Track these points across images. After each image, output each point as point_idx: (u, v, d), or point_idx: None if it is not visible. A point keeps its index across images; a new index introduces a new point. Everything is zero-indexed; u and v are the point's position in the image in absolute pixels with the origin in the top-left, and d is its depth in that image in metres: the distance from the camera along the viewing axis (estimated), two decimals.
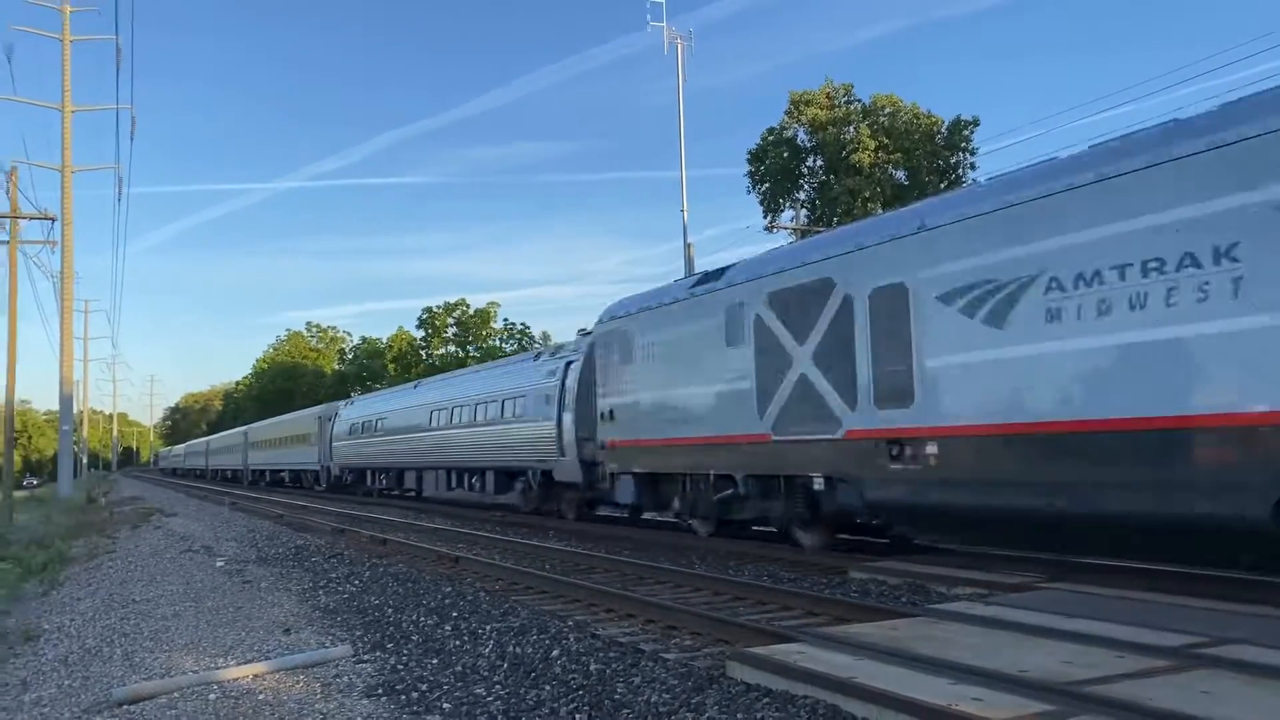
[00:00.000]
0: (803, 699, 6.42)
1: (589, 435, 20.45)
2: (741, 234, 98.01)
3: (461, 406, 29.14)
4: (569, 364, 22.59)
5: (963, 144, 47.42)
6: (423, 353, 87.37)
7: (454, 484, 29.81)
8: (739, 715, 6.25)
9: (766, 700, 6.52)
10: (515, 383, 25.74)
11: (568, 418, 22.07)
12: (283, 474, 58.23)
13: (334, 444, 43.49)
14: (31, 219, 35.85)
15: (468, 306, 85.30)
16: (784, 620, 9.80)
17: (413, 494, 37.41)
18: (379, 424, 37.28)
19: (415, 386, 37.68)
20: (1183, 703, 5.53)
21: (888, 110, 48.05)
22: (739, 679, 7.11)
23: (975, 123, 47.29)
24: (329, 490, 45.80)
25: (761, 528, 16.96)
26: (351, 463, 41.40)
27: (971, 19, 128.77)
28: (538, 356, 25.92)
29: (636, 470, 18.27)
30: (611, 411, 18.90)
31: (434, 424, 31.10)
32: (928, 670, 6.57)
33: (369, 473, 39.72)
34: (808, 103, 49.02)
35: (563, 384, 22.41)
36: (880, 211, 45.23)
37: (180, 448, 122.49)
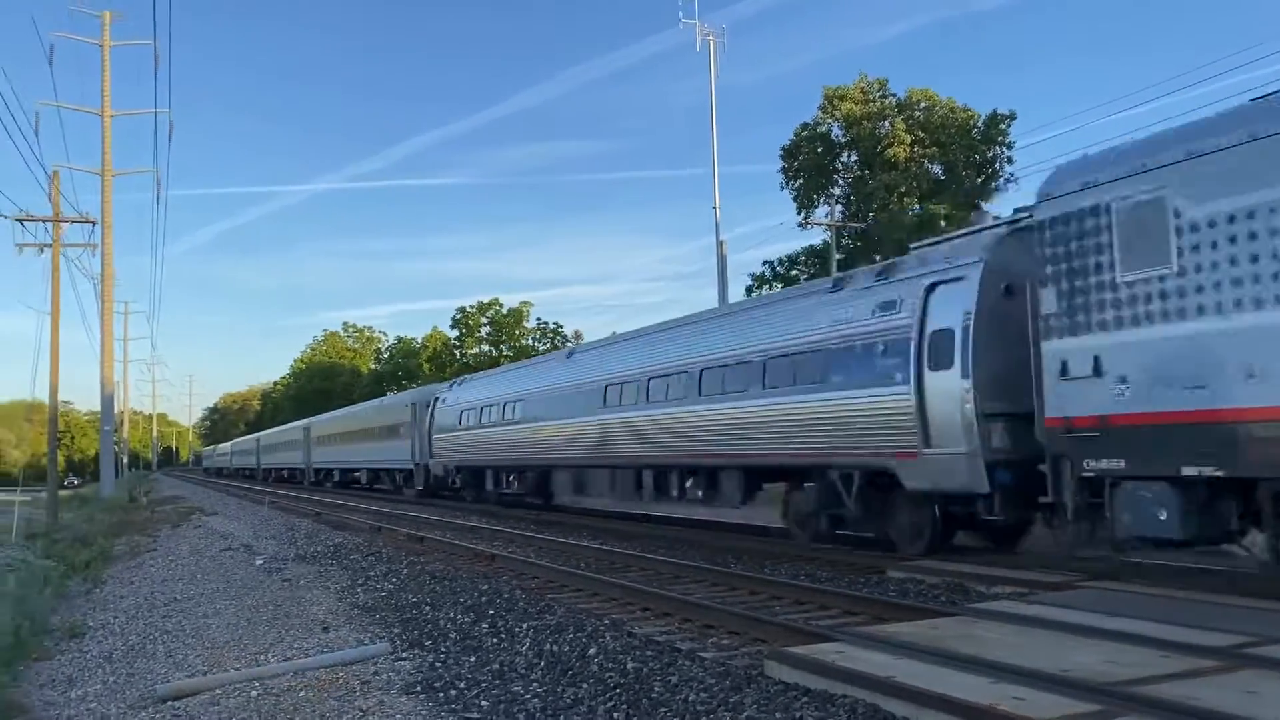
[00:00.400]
0: (841, 698, 6.38)
1: (1009, 408, 12.06)
2: (774, 230, 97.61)
3: (702, 369, 18.34)
4: (935, 287, 13.39)
5: (1000, 138, 46.87)
6: (457, 352, 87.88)
7: (677, 489, 19.70)
8: (777, 714, 6.23)
9: (805, 699, 6.49)
10: (824, 323, 15.31)
11: (950, 379, 12.77)
12: (358, 474, 50.17)
13: (435, 436, 34.00)
14: (73, 222, 36.40)
15: (501, 306, 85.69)
16: (821, 620, 9.75)
17: (561, 504, 27.97)
18: (513, 408, 27.39)
19: (570, 356, 27.18)
20: (1230, 703, 5.44)
21: (923, 105, 47.62)
22: (777, 678, 7.08)
23: (1012, 116, 46.73)
24: (425, 495, 36.97)
25: None
26: (464, 459, 31.61)
27: (1007, 11, 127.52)
28: (837, 286, 16.01)
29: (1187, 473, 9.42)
30: (1099, 362, 10.29)
31: (632, 401, 20.78)
32: (968, 669, 6.51)
33: (491, 473, 30.08)
34: (842, 98, 48.68)
35: (921, 323, 13.27)
36: (916, 206, 44.95)
37: (226, 446, 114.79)
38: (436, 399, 34.96)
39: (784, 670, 7.11)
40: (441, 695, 7.24)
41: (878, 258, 41.77)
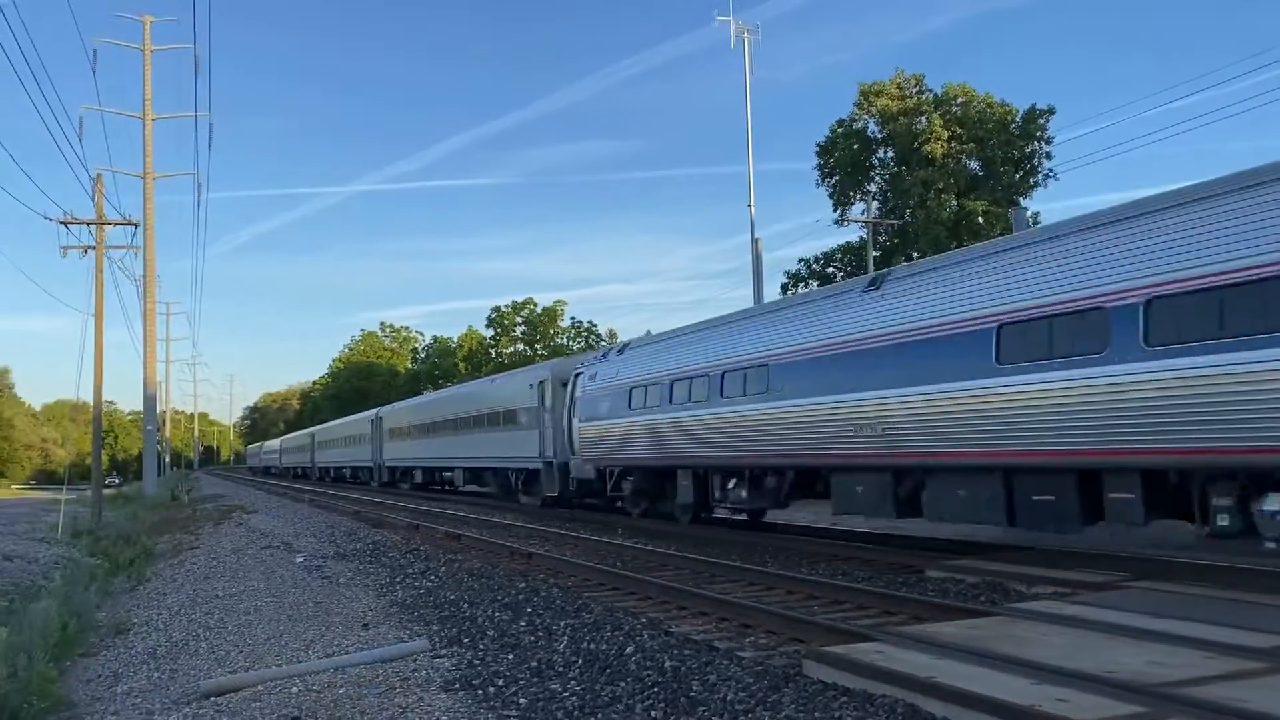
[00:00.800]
0: (881, 698, 6.34)
1: None
2: (811, 228, 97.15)
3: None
4: None
5: (1038, 133, 46.34)
6: (492, 351, 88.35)
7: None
8: (816, 714, 6.20)
9: (844, 699, 6.45)
10: None
11: None
12: (450, 474, 40.34)
13: (580, 426, 24.14)
14: (115, 225, 36.93)
15: (535, 305, 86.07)
16: (860, 619, 9.70)
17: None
18: (742, 378, 17.43)
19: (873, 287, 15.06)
20: (1279, 706, 5.34)
21: (960, 100, 47.18)
22: (815, 678, 7.04)
23: (1051, 111, 46.18)
24: (557, 505, 27.04)
25: None
26: (634, 456, 21.67)
27: (1045, 6, 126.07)
28: None
29: None
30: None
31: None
32: (1010, 670, 6.44)
33: (689, 476, 19.83)
34: (878, 93, 48.35)
35: None
36: (954, 203, 44.53)
37: (274, 443, 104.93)
38: (578, 374, 24.91)
39: (823, 670, 7.07)
40: (480, 692, 7.27)
41: (914, 255, 41.48)
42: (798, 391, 15.63)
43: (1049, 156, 46.74)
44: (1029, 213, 16.50)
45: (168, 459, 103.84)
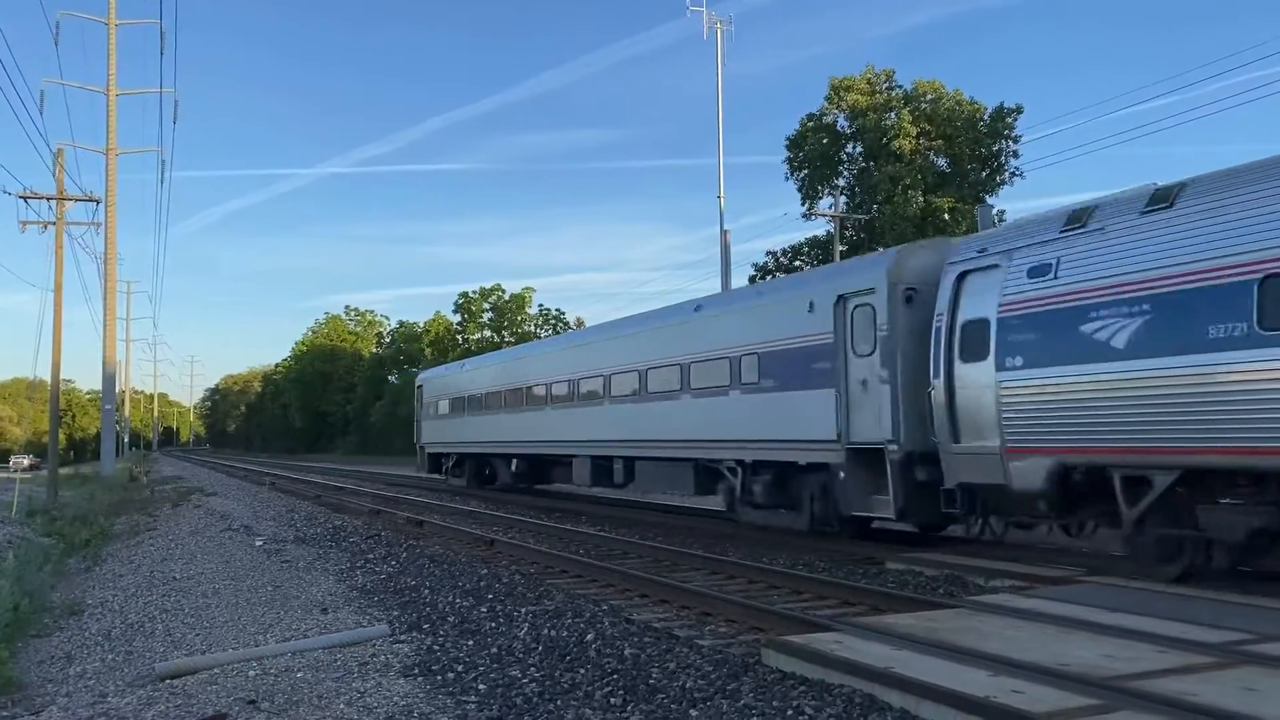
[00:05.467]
0: (839, 688, 6.39)
1: None
2: (779, 221, 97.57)
3: None
4: None
5: (1006, 131, 46.75)
6: (459, 337, 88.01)
7: None
8: (774, 703, 6.23)
9: (802, 688, 6.49)
10: None
11: None
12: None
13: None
14: (76, 201, 36.30)
15: (503, 292, 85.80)
16: (819, 610, 9.76)
17: None
18: None
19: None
20: (1227, 699, 5.44)
21: (929, 97, 47.49)
22: (774, 667, 7.08)
23: (1019, 110, 46.62)
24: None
25: None
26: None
27: (1016, 6, 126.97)
28: None
29: None
30: None
31: None
32: (967, 662, 6.51)
33: None
34: (848, 88, 48.57)
35: None
36: (921, 199, 44.81)
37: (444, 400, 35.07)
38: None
39: (781, 659, 7.11)
40: (439, 678, 7.25)
41: (879, 249, 41.69)
42: None
43: (1016, 155, 47.22)
44: (995, 210, 16.75)
45: (126, 439, 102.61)
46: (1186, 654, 6.65)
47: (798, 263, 50.05)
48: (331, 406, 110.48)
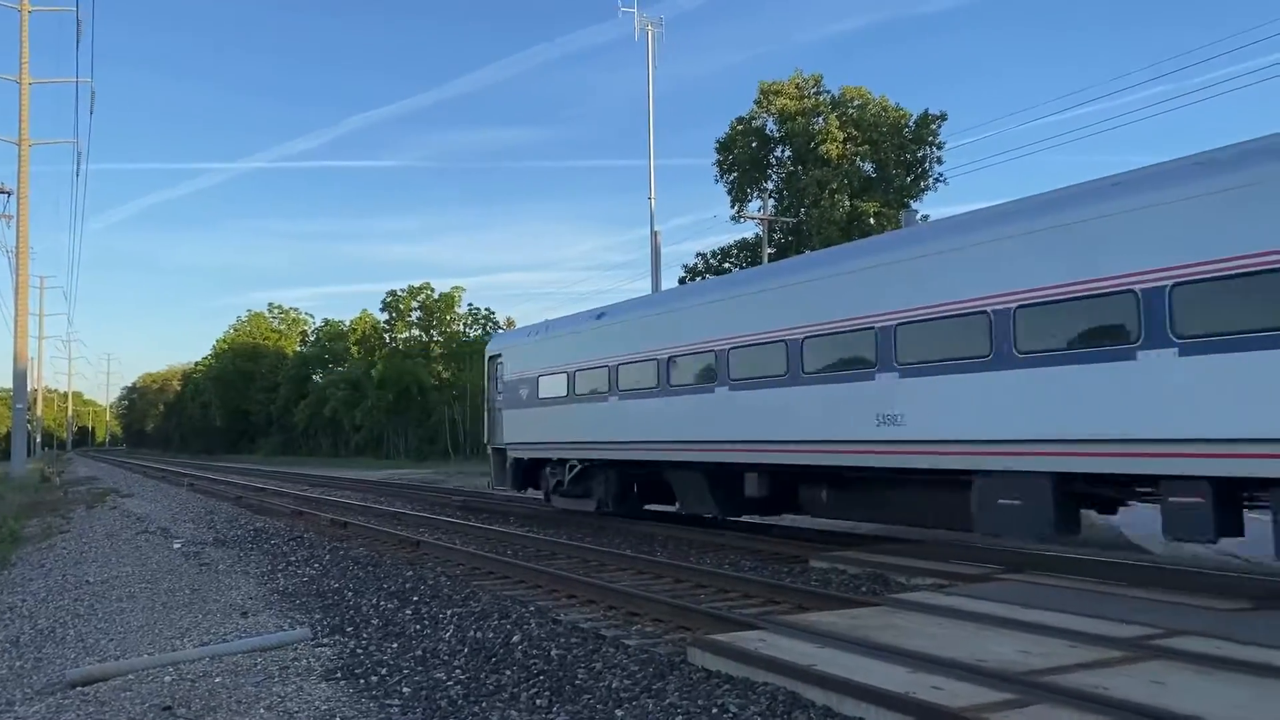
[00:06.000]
0: (763, 685, 6.45)
1: None
2: (709, 223, 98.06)
3: None
4: None
5: (930, 138, 47.66)
6: (386, 336, 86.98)
7: None
8: (699, 701, 6.27)
9: (727, 687, 6.54)
10: None
11: None
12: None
13: None
14: None
15: (432, 291, 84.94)
16: (745, 608, 9.84)
17: None
18: None
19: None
20: (1136, 693, 5.61)
21: (856, 102, 48.18)
22: (700, 665, 7.13)
23: (942, 117, 47.56)
24: None
25: None
26: None
27: (945, 15, 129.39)
28: None
29: None
30: None
31: None
32: (888, 659, 6.62)
33: None
34: (777, 93, 49.05)
35: None
36: (847, 203, 45.44)
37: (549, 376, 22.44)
38: None
39: (707, 658, 7.16)
40: (362, 681, 7.16)
41: (808, 252, 42.12)
42: None
43: (940, 161, 48.16)
44: (919, 215, 17.06)
45: (38, 439, 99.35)
46: (1098, 649, 6.84)
47: (727, 265, 50.41)
48: (254, 406, 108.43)
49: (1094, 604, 8.61)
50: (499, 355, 23.13)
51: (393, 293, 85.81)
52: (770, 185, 50.57)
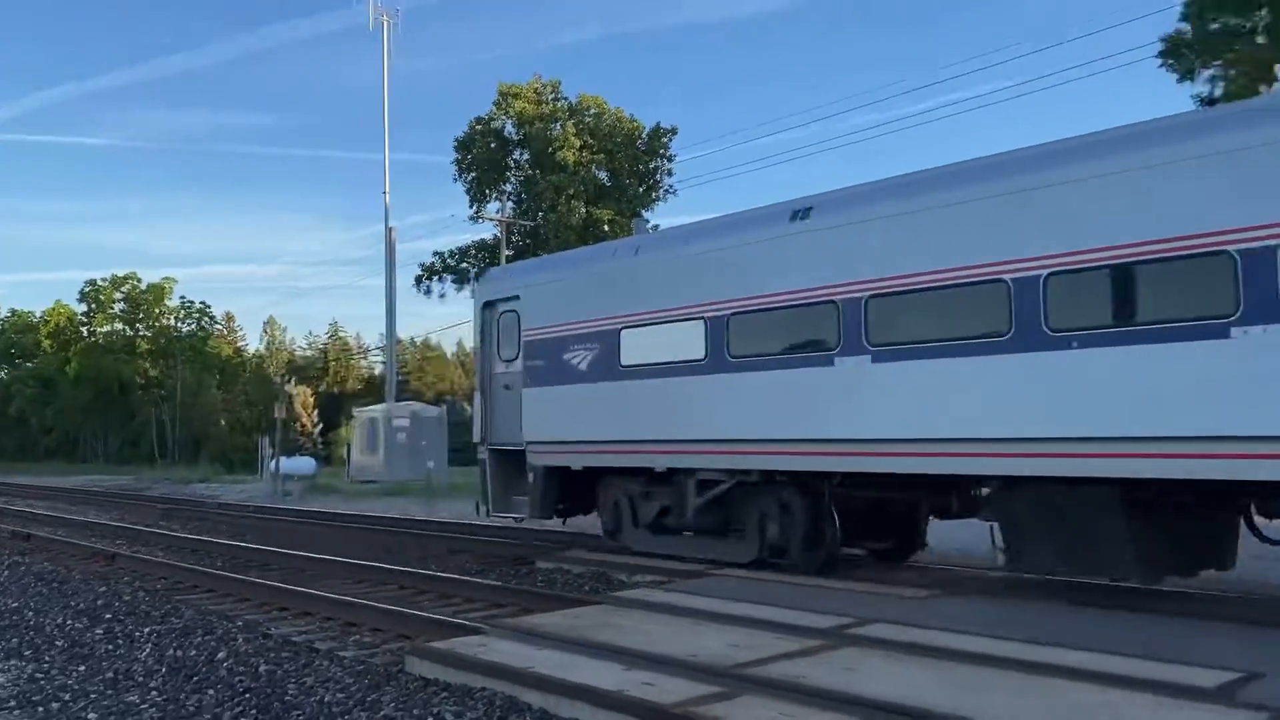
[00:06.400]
0: (481, 691, 6.40)
1: None
2: (447, 222, 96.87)
3: None
4: None
5: (662, 150, 49.37)
6: (84, 329, 79.86)
7: None
8: (415, 711, 6.13)
9: (445, 694, 6.44)
10: None
11: None
12: None
13: None
14: None
15: (139, 281, 78.82)
16: (469, 613, 9.74)
17: None
18: None
19: None
20: (831, 679, 6.00)
21: (593, 111, 49.15)
22: (417, 674, 6.98)
23: (674, 131, 49.45)
24: None
25: None
26: None
27: (681, 30, 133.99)
28: None
29: None
30: None
31: None
32: (604, 657, 6.74)
33: None
34: (516, 95, 49.18)
35: None
36: (584, 210, 46.22)
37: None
38: None
39: (425, 665, 7.03)
40: (42, 710, 6.52)
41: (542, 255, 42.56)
42: None
43: (670, 173, 50.01)
44: (650, 224, 17.78)
45: None
46: (801, 639, 7.27)
47: (465, 264, 49.99)
48: None
49: (800, 596, 9.15)
50: (512, 300, 14.27)
51: (92, 282, 78.93)
52: (509, 188, 50.64)
